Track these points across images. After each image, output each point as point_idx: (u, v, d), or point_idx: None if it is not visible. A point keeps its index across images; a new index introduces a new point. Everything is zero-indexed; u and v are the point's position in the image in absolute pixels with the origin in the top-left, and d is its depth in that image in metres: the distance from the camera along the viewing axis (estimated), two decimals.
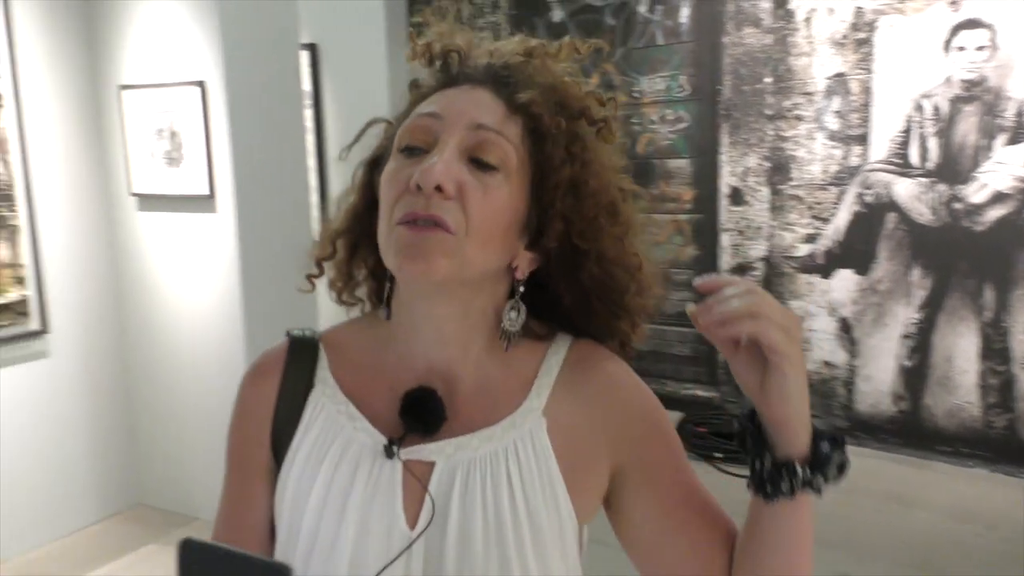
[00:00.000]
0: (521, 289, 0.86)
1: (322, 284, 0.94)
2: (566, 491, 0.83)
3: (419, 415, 0.82)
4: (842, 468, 0.77)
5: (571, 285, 0.87)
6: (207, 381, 3.30)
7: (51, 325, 3.21)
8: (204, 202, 3.18)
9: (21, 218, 3.09)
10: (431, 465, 0.82)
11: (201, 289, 3.26)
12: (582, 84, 0.89)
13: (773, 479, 0.77)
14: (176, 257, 3.32)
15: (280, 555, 0.85)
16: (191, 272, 3.28)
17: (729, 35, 4.39)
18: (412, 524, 0.80)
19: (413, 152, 0.81)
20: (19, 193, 3.08)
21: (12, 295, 3.07)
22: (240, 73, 3.13)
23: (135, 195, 3.36)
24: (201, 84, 3.10)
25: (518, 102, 0.82)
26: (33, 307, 3.15)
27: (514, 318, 0.85)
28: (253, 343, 3.18)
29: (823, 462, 0.76)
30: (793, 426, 0.75)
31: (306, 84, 4.67)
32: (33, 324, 3.15)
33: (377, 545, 0.80)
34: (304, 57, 4.64)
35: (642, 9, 4.65)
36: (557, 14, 4.97)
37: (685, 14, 4.52)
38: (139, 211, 3.38)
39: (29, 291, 3.13)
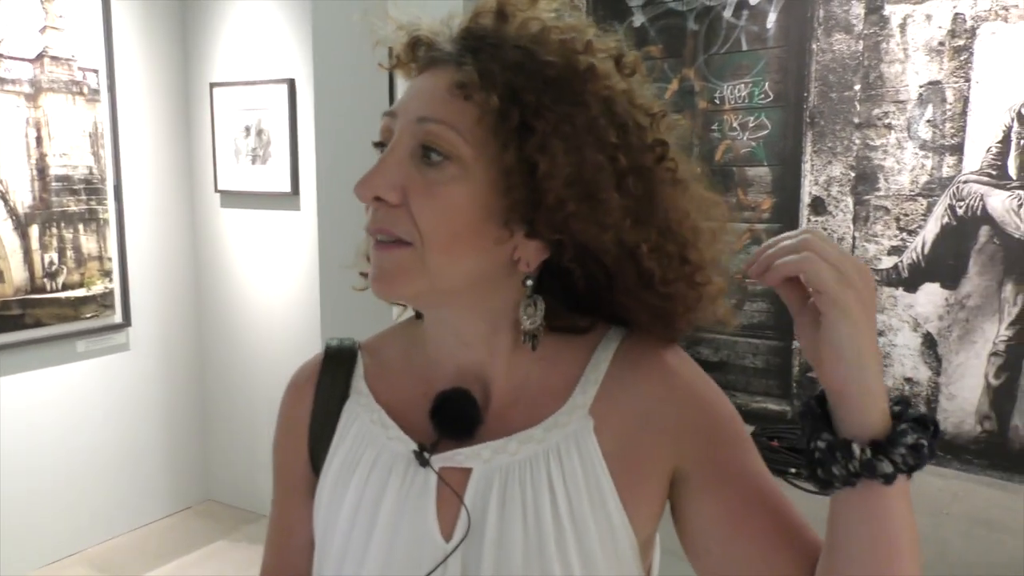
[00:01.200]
0: (529, 283, 0.76)
1: None
2: (617, 496, 0.74)
3: (450, 418, 0.77)
4: (918, 452, 0.63)
5: (593, 272, 0.77)
6: (281, 379, 3.30)
7: (133, 318, 3.29)
8: (287, 199, 3.23)
9: (110, 211, 3.18)
10: (467, 472, 0.76)
11: (280, 287, 3.31)
12: (573, 27, 0.75)
13: (824, 461, 0.64)
14: (257, 254, 3.38)
15: (315, 569, 0.83)
16: (271, 269, 3.34)
17: (818, 41, 4.27)
18: (447, 534, 0.76)
19: (382, 149, 0.75)
20: (109, 187, 3.18)
21: (98, 287, 3.17)
22: (329, 71, 3.17)
23: (220, 192, 3.44)
24: (290, 82, 3.15)
25: (474, 77, 0.70)
26: (117, 300, 3.24)
27: (532, 314, 0.76)
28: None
29: (891, 443, 0.62)
30: (854, 396, 0.62)
31: None
32: (117, 317, 3.24)
33: (407, 557, 0.76)
34: None
35: (727, 14, 4.57)
36: (638, 19, 4.92)
37: (772, 19, 4.43)
38: (222, 207, 3.46)
39: (114, 284, 3.22)
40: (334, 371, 0.87)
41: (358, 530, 0.78)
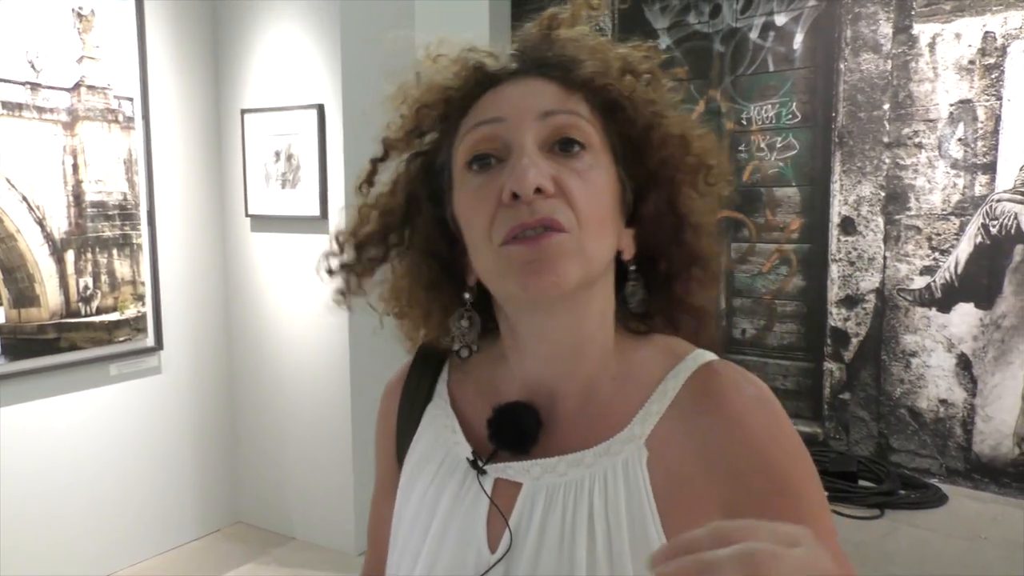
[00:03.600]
0: (633, 268, 0.79)
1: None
2: (662, 532, 0.70)
3: (505, 430, 0.77)
4: None
5: (672, 257, 0.80)
6: (310, 403, 3.37)
7: (165, 342, 3.33)
8: (316, 223, 3.27)
9: (143, 237, 3.24)
10: (518, 486, 0.76)
11: (309, 310, 3.33)
12: (612, 41, 0.81)
13: None
14: (287, 278, 3.41)
15: (388, 567, 0.85)
16: (300, 293, 3.37)
17: (846, 61, 4.26)
18: (494, 545, 0.75)
19: (484, 164, 0.74)
20: (142, 213, 3.23)
21: (131, 311, 3.22)
22: (357, 97, 3.21)
23: (250, 216, 3.48)
24: (319, 107, 3.20)
25: (579, 78, 0.75)
26: (150, 324, 3.29)
27: (639, 293, 0.79)
28: (358, 367, 3.23)
29: None
30: None
31: None
32: (149, 340, 3.29)
33: (453, 561, 0.76)
34: None
35: (753, 35, 4.56)
36: (664, 41, 4.93)
37: (799, 40, 4.42)
38: (253, 231, 3.50)
39: (147, 308, 3.27)
40: (421, 373, 0.89)
41: (418, 528, 0.80)
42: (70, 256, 3.02)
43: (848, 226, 4.30)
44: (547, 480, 0.74)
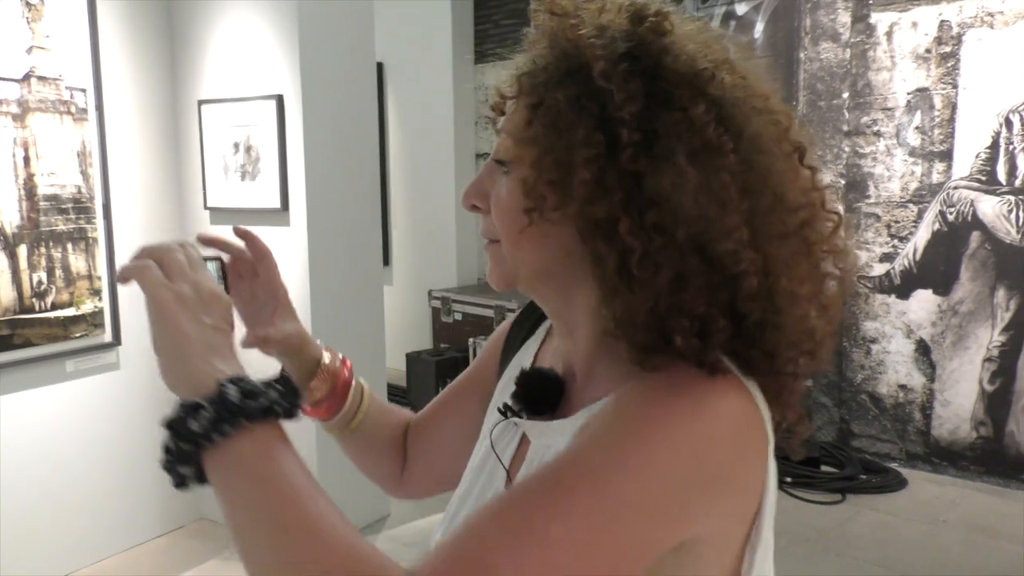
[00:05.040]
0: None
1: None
2: None
3: (527, 392, 0.81)
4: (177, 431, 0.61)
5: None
6: None
7: (123, 337, 3.27)
8: (277, 215, 3.23)
9: (99, 230, 3.17)
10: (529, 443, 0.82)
11: None
12: (596, 22, 0.69)
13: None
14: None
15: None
16: None
17: (805, 50, 4.29)
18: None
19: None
20: (98, 206, 3.16)
21: (88, 306, 3.15)
22: (317, 88, 3.17)
23: (209, 208, 3.43)
24: (278, 98, 3.15)
25: (517, 84, 0.72)
26: (107, 319, 3.22)
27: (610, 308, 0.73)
28: None
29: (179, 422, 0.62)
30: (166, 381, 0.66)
31: None
32: (107, 336, 3.22)
33: (479, 495, 0.83)
34: None
35: (714, 25, 4.58)
36: None
37: (759, 29, 4.45)
38: (212, 224, 3.45)
39: (104, 303, 3.21)
40: (521, 324, 0.97)
41: (467, 463, 0.89)
42: (23, 251, 2.94)
43: None
44: (542, 441, 0.77)
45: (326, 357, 0.95)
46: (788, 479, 3.82)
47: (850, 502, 3.67)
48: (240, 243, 0.94)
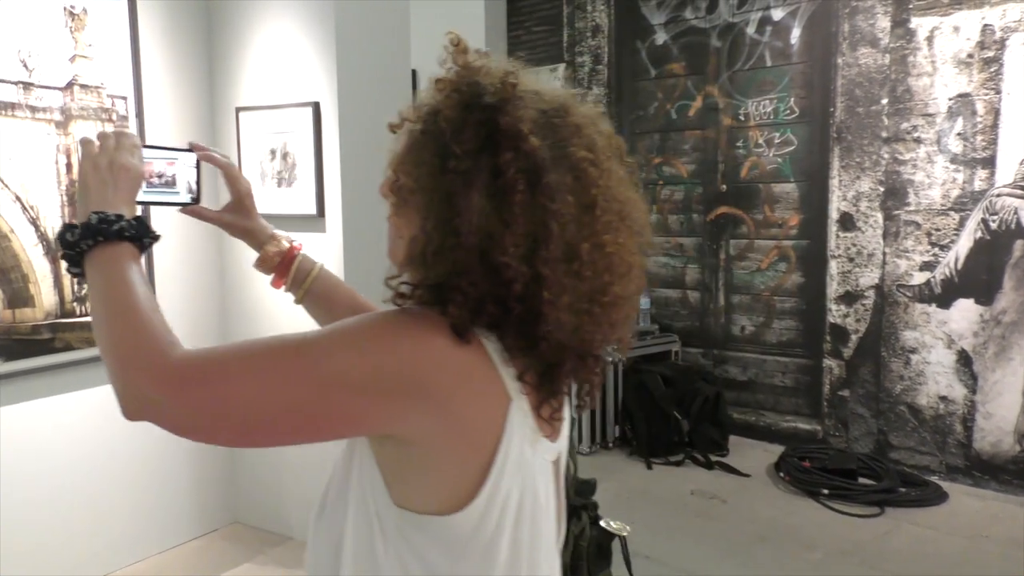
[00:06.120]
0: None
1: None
2: None
3: None
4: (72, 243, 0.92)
5: None
6: None
7: None
8: (313, 222, 3.25)
9: None
10: None
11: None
12: (448, 75, 0.91)
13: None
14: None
15: None
16: None
17: (843, 55, 4.24)
18: None
19: None
20: (137, 212, 3.21)
21: None
22: (353, 95, 3.19)
23: None
24: (315, 105, 3.17)
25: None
26: None
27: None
28: None
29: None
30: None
31: None
32: None
33: None
34: None
35: (750, 30, 4.55)
36: (660, 37, 4.92)
37: (796, 35, 4.40)
38: None
39: None
40: None
41: None
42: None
43: (847, 222, 4.29)
44: None
45: (280, 241, 1.32)
46: (825, 491, 3.76)
47: (888, 515, 3.60)
48: (222, 157, 1.29)
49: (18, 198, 2.83)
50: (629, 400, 4.50)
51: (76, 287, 3.03)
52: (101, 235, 0.91)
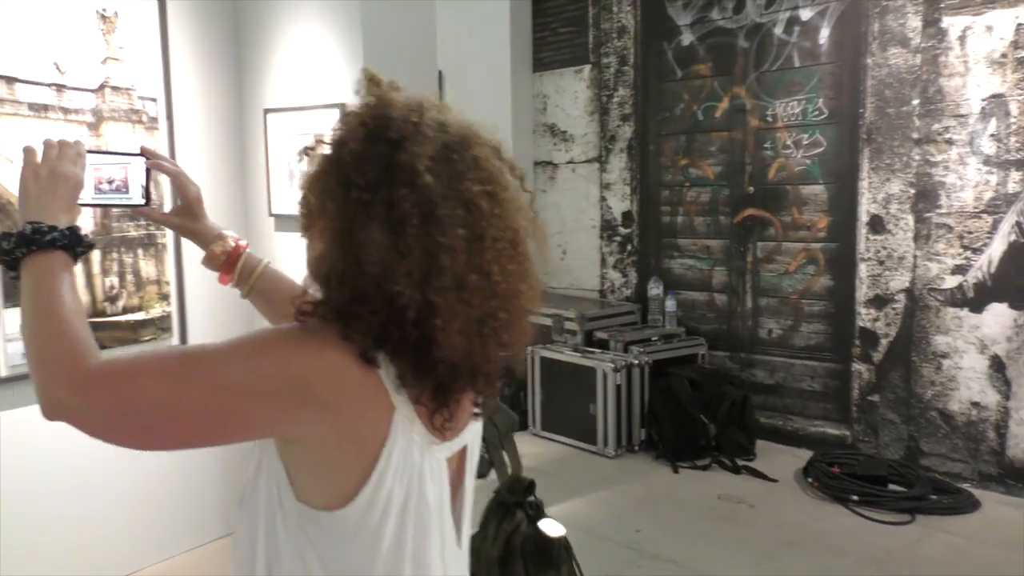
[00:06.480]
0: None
1: None
2: None
3: None
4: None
5: None
6: None
7: (189, 341, 3.33)
8: None
9: (168, 236, 3.25)
10: None
11: None
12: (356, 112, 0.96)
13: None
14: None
15: None
16: None
17: (873, 56, 4.18)
18: None
19: None
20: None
21: (156, 310, 3.23)
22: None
23: (274, 215, 3.48)
24: (342, 107, 3.19)
25: None
26: (175, 323, 3.29)
27: None
28: None
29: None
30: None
31: None
32: (174, 339, 3.29)
33: None
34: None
35: (778, 31, 4.50)
36: (687, 38, 4.88)
37: (824, 35, 4.35)
38: (276, 231, 3.50)
39: (172, 307, 3.28)
40: None
41: None
42: (96, 256, 3.03)
43: (877, 224, 4.23)
44: None
45: (227, 241, 1.38)
46: (854, 497, 3.71)
47: (920, 523, 3.54)
48: (170, 165, 1.34)
49: None
50: (655, 403, 4.47)
51: (106, 287, 3.06)
52: (34, 244, 0.97)
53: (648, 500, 3.90)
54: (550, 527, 1.90)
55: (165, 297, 3.26)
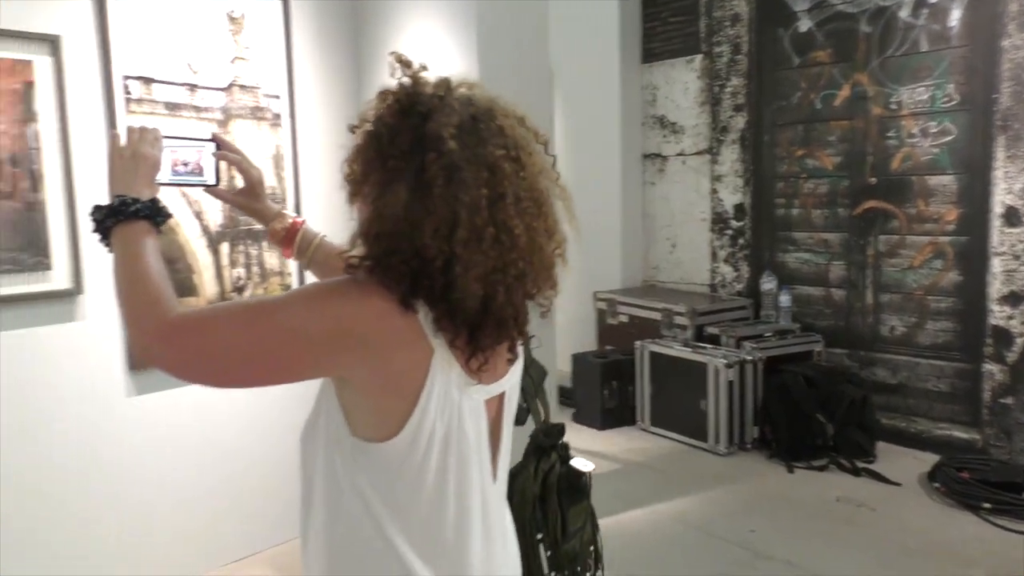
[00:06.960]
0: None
1: None
2: None
3: None
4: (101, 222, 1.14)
5: None
6: None
7: None
8: None
9: None
10: None
11: None
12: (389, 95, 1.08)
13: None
14: None
15: None
16: None
17: (1010, 38, 3.94)
18: None
19: None
20: (289, 206, 3.36)
21: None
22: (495, 88, 3.21)
23: None
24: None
25: None
26: None
27: None
28: None
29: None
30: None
31: None
32: None
33: None
34: None
35: (903, 14, 4.30)
36: (804, 24, 4.72)
37: (955, 17, 4.12)
38: None
39: None
40: None
41: None
42: (224, 248, 3.18)
43: (1013, 217, 3.98)
44: None
45: (285, 218, 1.51)
46: (986, 504, 3.51)
47: None
48: (233, 154, 1.47)
49: (183, 193, 3.02)
50: (769, 401, 4.35)
51: (234, 278, 3.20)
52: (121, 215, 1.12)
53: (762, 499, 3.81)
54: (581, 464, 2.16)
55: (287, 288, 3.38)
